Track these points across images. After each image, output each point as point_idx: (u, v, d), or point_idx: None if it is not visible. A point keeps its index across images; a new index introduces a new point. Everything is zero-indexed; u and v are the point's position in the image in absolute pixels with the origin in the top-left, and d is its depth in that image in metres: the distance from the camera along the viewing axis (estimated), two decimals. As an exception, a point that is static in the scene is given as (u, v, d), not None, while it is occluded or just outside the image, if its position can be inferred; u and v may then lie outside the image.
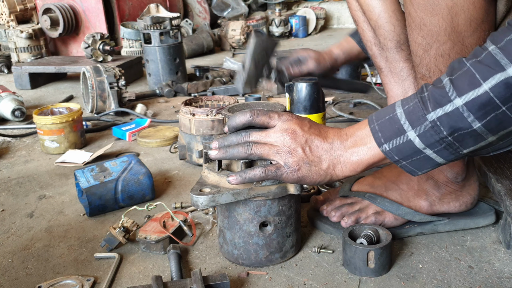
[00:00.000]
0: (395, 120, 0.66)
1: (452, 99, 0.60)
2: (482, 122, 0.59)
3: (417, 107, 0.64)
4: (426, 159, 0.66)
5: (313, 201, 0.96)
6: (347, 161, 0.71)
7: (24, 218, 1.02)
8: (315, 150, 0.71)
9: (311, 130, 0.73)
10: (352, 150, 0.71)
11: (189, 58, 2.87)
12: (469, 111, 0.59)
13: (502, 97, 0.57)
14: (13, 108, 1.71)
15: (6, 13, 2.76)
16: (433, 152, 0.65)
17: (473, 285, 0.75)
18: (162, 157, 1.34)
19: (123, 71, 1.79)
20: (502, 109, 0.58)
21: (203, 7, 3.64)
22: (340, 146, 0.72)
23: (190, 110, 1.20)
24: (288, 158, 0.70)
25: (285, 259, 0.82)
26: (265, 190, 0.75)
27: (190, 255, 0.86)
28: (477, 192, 0.90)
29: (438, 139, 0.63)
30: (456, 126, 0.61)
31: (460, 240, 0.87)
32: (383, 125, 0.68)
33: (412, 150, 0.66)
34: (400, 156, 0.67)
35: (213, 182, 0.76)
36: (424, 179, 0.88)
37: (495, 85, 0.57)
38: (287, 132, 0.71)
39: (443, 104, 0.61)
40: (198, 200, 0.71)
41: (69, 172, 1.26)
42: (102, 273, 0.82)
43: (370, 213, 0.88)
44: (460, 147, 0.63)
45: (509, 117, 0.58)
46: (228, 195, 0.73)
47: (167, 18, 2.10)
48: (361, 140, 0.70)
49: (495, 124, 0.59)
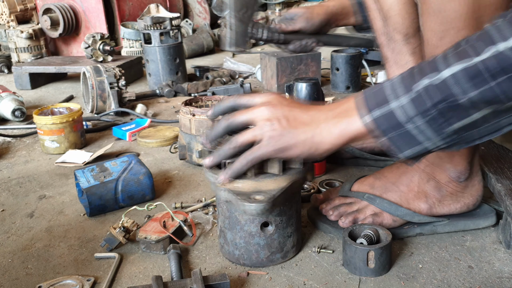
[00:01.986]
0: (381, 91, 0.64)
1: (441, 69, 0.59)
2: (469, 95, 0.58)
3: (404, 79, 0.63)
4: (408, 136, 0.63)
5: (313, 200, 0.96)
6: (328, 133, 0.68)
7: (24, 218, 1.03)
8: (293, 122, 0.69)
9: (291, 104, 0.72)
10: (333, 121, 0.68)
11: (189, 58, 2.87)
12: (457, 83, 0.58)
13: (492, 70, 0.56)
14: (13, 108, 1.71)
15: (6, 13, 2.76)
16: (415, 127, 0.62)
17: (473, 285, 0.75)
18: (162, 157, 1.35)
19: (123, 71, 1.79)
20: (491, 85, 0.56)
21: (203, 7, 3.64)
22: (321, 118, 0.69)
23: (190, 110, 1.20)
24: (267, 131, 0.69)
25: (286, 259, 0.82)
26: (299, 183, 0.76)
27: (190, 255, 0.86)
28: (481, 193, 0.89)
29: (421, 111, 0.61)
30: (441, 97, 0.59)
31: (460, 240, 0.87)
32: (368, 97, 0.66)
33: (394, 123, 0.63)
34: (381, 129, 0.64)
35: (251, 189, 0.73)
36: (425, 180, 0.88)
37: (487, 58, 0.56)
38: (265, 105, 0.71)
39: (431, 76, 0.59)
40: (259, 207, 0.69)
41: (69, 172, 1.26)
42: (102, 273, 0.82)
43: (368, 214, 0.87)
44: (444, 123, 0.61)
45: (496, 94, 0.57)
46: (281, 196, 0.73)
47: (167, 18, 2.10)
48: (345, 112, 0.68)
49: (482, 99, 0.58)
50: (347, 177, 1.16)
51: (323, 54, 2.10)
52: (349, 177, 1.15)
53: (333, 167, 1.21)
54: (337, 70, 1.95)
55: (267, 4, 4.01)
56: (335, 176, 1.17)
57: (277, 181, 0.73)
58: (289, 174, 0.75)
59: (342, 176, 1.17)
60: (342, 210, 0.89)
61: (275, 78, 1.95)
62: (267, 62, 2.02)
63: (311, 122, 0.69)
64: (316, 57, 1.98)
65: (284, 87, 1.31)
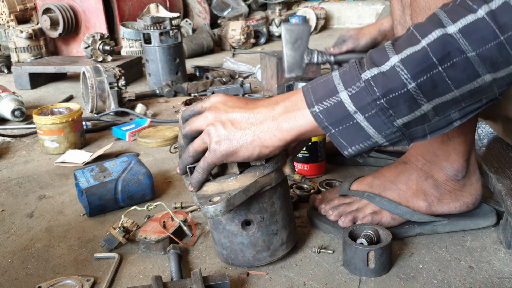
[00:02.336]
0: (329, 81, 0.62)
1: (390, 56, 0.58)
2: (416, 82, 0.57)
3: (353, 68, 0.61)
4: (357, 128, 0.61)
5: (312, 200, 0.96)
6: (276, 129, 0.66)
7: (24, 218, 1.02)
8: (237, 124, 0.67)
9: (236, 104, 0.70)
10: (283, 117, 0.66)
11: (189, 58, 2.87)
12: (405, 69, 0.56)
13: (438, 54, 0.55)
14: (13, 108, 1.71)
15: (6, 13, 2.76)
16: (364, 119, 0.60)
17: (473, 285, 0.74)
18: (162, 157, 1.34)
19: (123, 71, 1.79)
20: (438, 69, 0.56)
21: (203, 7, 3.64)
22: (269, 115, 0.67)
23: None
24: (212, 137, 0.68)
25: (275, 257, 0.80)
26: (267, 179, 0.74)
27: (190, 255, 0.86)
28: (480, 192, 0.89)
29: (370, 101, 0.59)
30: (390, 85, 0.57)
31: (460, 240, 0.87)
32: (316, 87, 0.64)
33: (343, 114, 0.61)
34: (329, 121, 0.62)
35: (215, 191, 0.73)
36: (423, 178, 0.88)
37: (433, 41, 0.55)
38: (209, 111, 0.70)
39: (380, 63, 0.58)
40: (217, 208, 0.69)
41: (69, 172, 1.26)
42: (102, 273, 0.82)
43: (367, 212, 0.87)
44: (393, 115, 0.59)
45: (444, 81, 0.56)
46: (240, 194, 0.71)
47: (167, 18, 2.09)
48: (294, 105, 0.65)
49: (430, 86, 0.57)
50: (347, 177, 1.16)
51: (323, 54, 2.10)
52: (348, 177, 1.15)
53: (333, 167, 1.21)
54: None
55: (267, 4, 4.01)
56: (335, 176, 1.17)
57: (240, 180, 0.72)
58: (253, 171, 0.73)
59: (342, 176, 1.17)
60: (342, 210, 0.89)
61: (275, 78, 1.95)
62: (267, 62, 2.01)
63: (257, 121, 0.67)
64: (316, 57, 1.97)
65: (284, 87, 1.31)
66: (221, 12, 3.64)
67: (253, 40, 3.27)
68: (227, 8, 3.62)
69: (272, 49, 3.04)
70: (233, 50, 3.16)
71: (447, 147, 0.85)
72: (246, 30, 3.19)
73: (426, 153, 0.87)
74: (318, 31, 3.86)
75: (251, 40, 3.25)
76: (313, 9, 3.83)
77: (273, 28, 3.58)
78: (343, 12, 4.15)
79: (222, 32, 3.23)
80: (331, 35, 3.75)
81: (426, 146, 0.87)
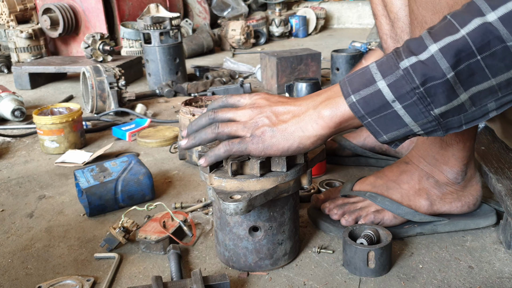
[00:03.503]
0: (366, 72, 0.62)
1: (428, 45, 0.58)
2: (455, 71, 0.56)
3: (390, 58, 0.61)
4: (394, 116, 0.61)
5: (314, 200, 0.96)
6: (318, 116, 0.66)
7: (24, 218, 1.02)
8: (281, 116, 0.69)
9: (280, 100, 0.71)
10: (324, 104, 0.66)
11: (189, 58, 2.87)
12: (444, 58, 0.56)
13: (478, 43, 0.55)
14: (13, 108, 1.71)
15: (6, 13, 2.76)
16: (402, 107, 0.60)
17: (473, 285, 0.74)
18: (162, 157, 1.34)
19: (123, 71, 1.79)
20: (477, 58, 0.56)
21: (203, 7, 3.64)
22: (310, 105, 0.68)
23: (190, 110, 1.20)
24: (253, 129, 0.69)
25: (276, 266, 0.80)
26: (286, 186, 0.74)
27: (190, 255, 0.86)
28: (480, 193, 0.90)
29: (409, 89, 0.59)
30: (429, 74, 0.57)
31: (460, 240, 0.87)
32: (353, 79, 0.64)
33: (381, 103, 0.61)
34: (366, 110, 0.62)
35: (234, 189, 0.73)
36: (425, 177, 0.88)
37: (473, 30, 0.55)
38: (254, 106, 0.71)
39: (418, 52, 0.58)
40: (238, 206, 0.68)
41: (69, 172, 1.26)
42: (102, 273, 0.82)
43: (370, 211, 0.88)
44: (431, 104, 0.59)
45: (482, 69, 0.56)
46: (261, 197, 0.71)
47: (167, 18, 2.09)
48: (334, 94, 0.66)
49: (467, 75, 0.57)
50: (347, 177, 1.16)
51: (323, 54, 2.10)
52: (349, 177, 1.15)
53: (333, 167, 1.21)
54: (337, 70, 1.95)
55: (267, 4, 4.01)
56: (335, 176, 1.17)
57: (261, 183, 0.72)
58: (274, 176, 0.73)
59: (342, 176, 1.17)
60: (346, 209, 0.90)
61: (275, 78, 1.95)
62: (267, 62, 2.01)
63: (299, 112, 0.68)
64: (316, 57, 1.98)
65: (284, 87, 1.31)
66: (221, 12, 3.64)
67: (253, 40, 3.27)
68: (227, 8, 3.62)
69: (272, 49, 3.04)
70: (233, 50, 3.16)
71: (446, 152, 0.85)
72: (246, 30, 3.19)
73: (426, 156, 0.88)
74: (318, 31, 3.86)
75: (251, 40, 3.25)
76: (313, 9, 3.83)
77: (273, 28, 3.58)
78: (343, 12, 4.15)
79: (222, 32, 3.23)
80: (331, 35, 3.75)
81: (426, 149, 0.88)
